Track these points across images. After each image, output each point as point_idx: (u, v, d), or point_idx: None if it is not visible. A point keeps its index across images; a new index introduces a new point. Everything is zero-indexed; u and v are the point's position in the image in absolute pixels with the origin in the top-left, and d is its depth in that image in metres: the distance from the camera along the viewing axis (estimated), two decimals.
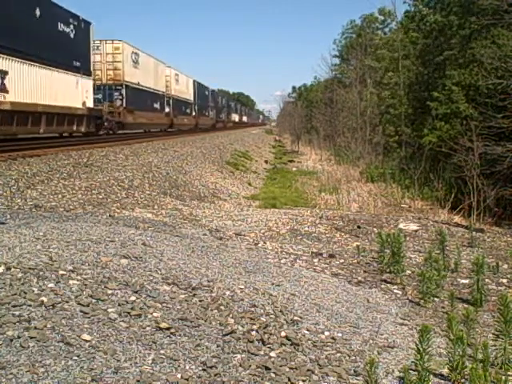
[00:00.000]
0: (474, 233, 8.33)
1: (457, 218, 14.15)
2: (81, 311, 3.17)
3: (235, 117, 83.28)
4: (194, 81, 43.10)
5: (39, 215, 6.76)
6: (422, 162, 21.04)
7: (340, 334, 3.71)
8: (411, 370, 3.12)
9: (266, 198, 15.98)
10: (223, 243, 6.35)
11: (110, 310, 3.26)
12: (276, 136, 78.34)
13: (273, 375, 2.94)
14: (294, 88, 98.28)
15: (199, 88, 45.15)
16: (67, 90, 18.35)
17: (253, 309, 3.75)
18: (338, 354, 3.37)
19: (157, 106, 31.87)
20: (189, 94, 41.21)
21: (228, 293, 3.96)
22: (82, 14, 19.89)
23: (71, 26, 18.94)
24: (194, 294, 3.82)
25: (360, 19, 49.10)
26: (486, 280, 5.68)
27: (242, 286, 4.21)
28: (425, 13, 27.44)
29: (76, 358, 2.68)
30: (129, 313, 3.28)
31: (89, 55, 20.90)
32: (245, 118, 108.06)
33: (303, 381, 2.97)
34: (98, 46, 24.22)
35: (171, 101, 35.48)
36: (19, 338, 2.76)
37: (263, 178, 24.33)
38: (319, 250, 6.95)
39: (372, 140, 33.28)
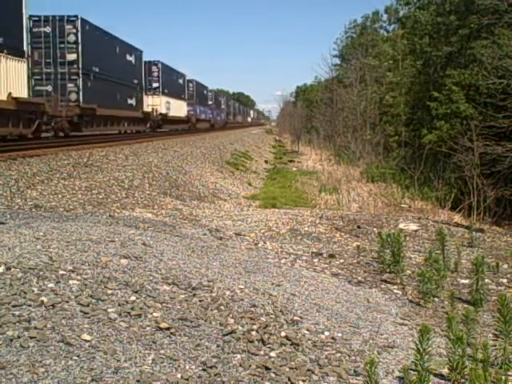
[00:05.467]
0: (473, 233, 8.31)
1: (457, 218, 14.14)
2: (81, 311, 3.17)
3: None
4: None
5: (39, 215, 6.75)
6: (422, 161, 21.05)
7: (340, 334, 3.71)
8: (411, 370, 3.12)
9: (266, 198, 15.96)
10: (223, 243, 6.34)
11: (109, 310, 3.26)
12: (276, 136, 78.29)
13: (273, 375, 2.94)
14: (297, 88, 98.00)
15: None
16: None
17: (253, 309, 3.75)
18: (338, 354, 3.37)
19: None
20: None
21: (228, 293, 3.96)
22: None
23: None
24: (194, 294, 3.82)
25: (362, 18, 49.16)
26: (486, 280, 5.67)
27: (242, 286, 4.21)
28: (413, 14, 27.42)
29: (76, 358, 2.68)
30: (129, 313, 3.28)
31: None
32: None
33: (303, 381, 2.97)
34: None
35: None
36: (19, 338, 2.77)
37: (263, 177, 24.32)
38: (319, 250, 6.95)
39: (372, 140, 33.27)
